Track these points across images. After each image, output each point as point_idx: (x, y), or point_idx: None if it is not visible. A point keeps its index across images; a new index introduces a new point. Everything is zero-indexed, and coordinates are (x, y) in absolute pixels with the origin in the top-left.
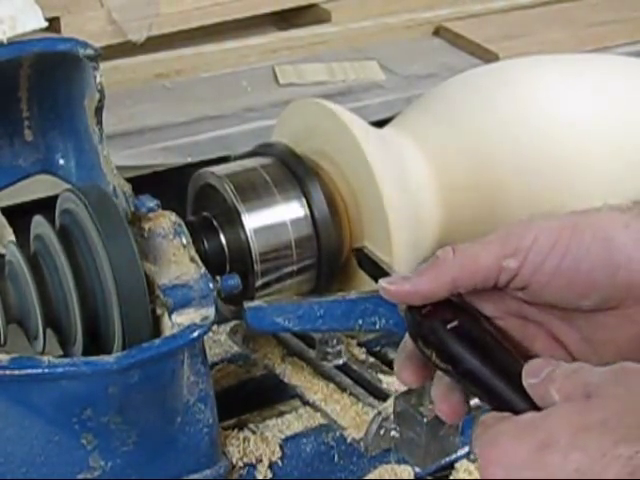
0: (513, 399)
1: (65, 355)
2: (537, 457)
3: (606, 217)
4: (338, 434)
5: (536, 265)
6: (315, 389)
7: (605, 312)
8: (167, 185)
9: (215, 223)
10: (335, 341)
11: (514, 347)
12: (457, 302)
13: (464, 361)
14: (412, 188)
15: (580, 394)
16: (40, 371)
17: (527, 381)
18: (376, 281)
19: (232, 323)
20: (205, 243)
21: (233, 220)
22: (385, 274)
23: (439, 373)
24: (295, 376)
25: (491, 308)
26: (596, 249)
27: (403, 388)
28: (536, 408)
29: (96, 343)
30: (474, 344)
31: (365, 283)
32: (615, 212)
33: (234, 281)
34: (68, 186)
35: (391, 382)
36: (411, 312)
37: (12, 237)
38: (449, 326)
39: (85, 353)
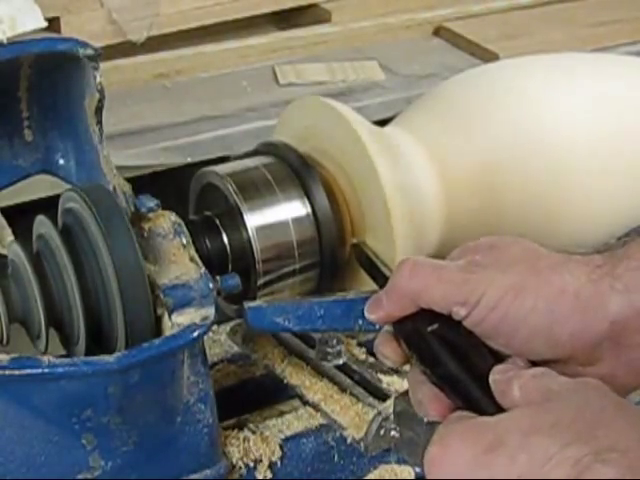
0: (485, 403)
1: (68, 355)
2: (483, 459)
3: (559, 280)
4: (338, 434)
5: (479, 320)
6: (315, 389)
7: (565, 364)
8: (167, 185)
9: (217, 222)
10: (335, 341)
11: (492, 353)
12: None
13: (442, 364)
14: (414, 187)
15: (540, 397)
16: (40, 371)
17: (492, 377)
18: (372, 277)
19: (232, 323)
20: (207, 242)
21: (235, 219)
22: (380, 271)
23: (419, 378)
24: (295, 376)
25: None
26: (535, 319)
27: (403, 388)
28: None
29: (99, 343)
30: (453, 347)
31: (365, 283)
32: (578, 270)
33: (234, 281)
34: (68, 186)
35: (391, 382)
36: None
37: (12, 237)
38: (429, 329)
39: (88, 352)
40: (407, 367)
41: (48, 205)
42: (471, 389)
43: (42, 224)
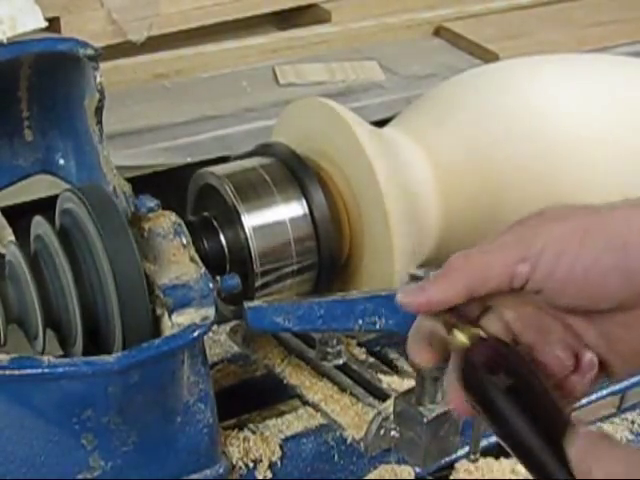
0: (555, 471)
1: (65, 355)
2: None
3: (622, 218)
4: (338, 434)
5: (547, 272)
6: (315, 389)
7: (624, 312)
8: (167, 185)
9: (215, 223)
10: (335, 341)
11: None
12: (512, 354)
13: (512, 425)
14: (412, 188)
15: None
16: (40, 371)
17: (571, 454)
18: None
19: (232, 323)
20: (205, 243)
21: (233, 220)
22: None
23: (454, 362)
24: (295, 376)
25: (506, 303)
26: (609, 256)
27: (403, 388)
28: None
29: (96, 343)
30: (526, 410)
31: (365, 283)
32: (633, 210)
33: (234, 281)
34: (68, 186)
35: (391, 382)
36: (465, 359)
37: (12, 237)
38: (502, 384)
39: (85, 353)
40: (407, 367)
41: (48, 205)
42: (543, 457)
43: (40, 225)
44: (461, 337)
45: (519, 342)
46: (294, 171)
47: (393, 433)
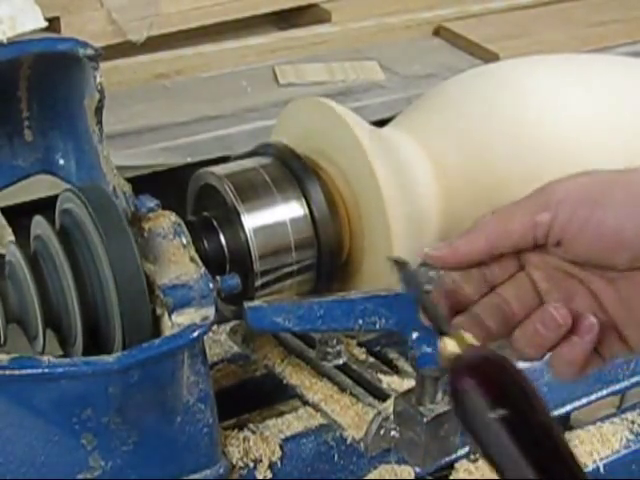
0: None
1: (65, 355)
2: None
3: None
4: (338, 434)
5: (566, 217)
6: (315, 389)
7: None
8: (167, 185)
9: (215, 223)
10: (335, 341)
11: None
12: (509, 382)
13: (508, 465)
14: (412, 188)
15: None
16: (40, 371)
17: None
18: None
19: (232, 323)
20: (205, 243)
21: (233, 220)
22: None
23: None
24: (295, 376)
25: (534, 261)
26: (627, 207)
27: (403, 388)
28: None
29: (96, 343)
30: (523, 445)
31: (365, 283)
32: None
33: (234, 281)
34: (68, 186)
35: (391, 382)
36: (452, 377)
37: (12, 237)
38: (495, 415)
39: (85, 353)
40: (407, 367)
41: (48, 205)
42: None
43: (39, 225)
44: (453, 346)
45: (544, 302)
46: (294, 171)
47: (393, 433)
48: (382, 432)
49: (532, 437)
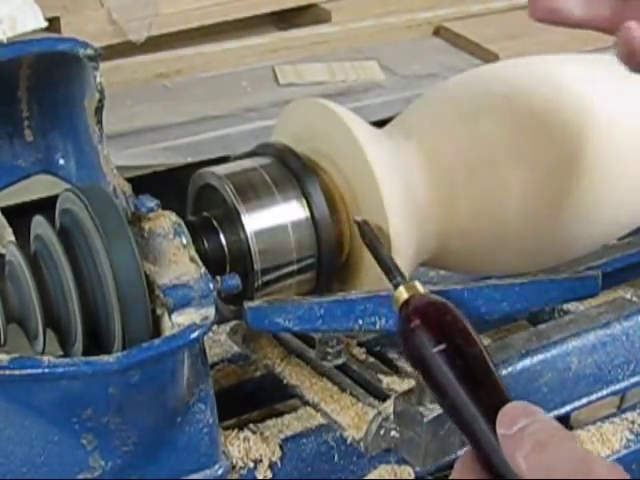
0: (491, 442)
1: (65, 355)
2: None
3: None
4: (338, 434)
5: None
6: (315, 389)
7: None
8: (167, 185)
9: (215, 223)
10: (335, 341)
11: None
12: (449, 321)
13: (447, 390)
14: (412, 188)
15: (543, 474)
16: (40, 371)
17: (499, 430)
18: (374, 256)
19: (232, 323)
20: (205, 243)
21: (233, 220)
22: (381, 250)
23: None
24: (295, 376)
25: None
26: None
27: (403, 388)
28: None
29: (96, 343)
30: (459, 373)
31: (365, 283)
32: None
33: (234, 281)
34: (68, 186)
35: (391, 382)
36: (401, 319)
37: (12, 237)
38: (436, 349)
39: (85, 353)
40: (407, 367)
41: (48, 205)
42: (480, 427)
43: (39, 224)
44: (405, 294)
45: None
46: (294, 171)
47: (393, 433)
48: (382, 432)
49: (467, 366)
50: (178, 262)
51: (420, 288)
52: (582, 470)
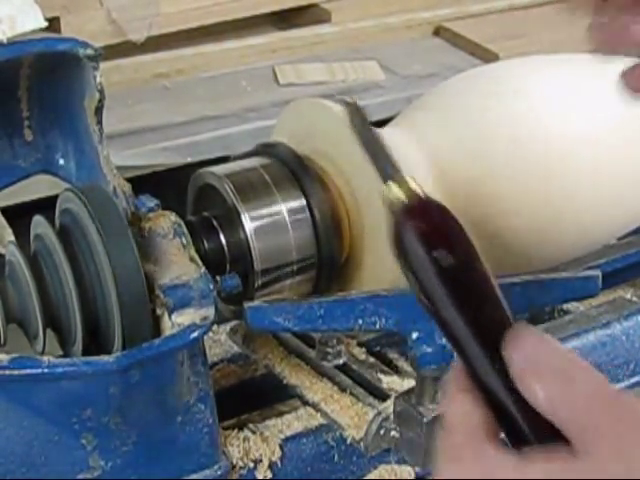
0: (489, 371)
1: (65, 355)
2: None
3: None
4: (338, 434)
5: None
6: (315, 389)
7: None
8: (167, 185)
9: (215, 223)
10: (335, 341)
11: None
12: (455, 226)
13: (445, 313)
14: None
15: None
16: (40, 371)
17: (510, 352)
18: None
19: (232, 323)
20: (205, 243)
21: (233, 220)
22: (373, 138)
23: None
24: (295, 376)
25: None
26: None
27: (403, 388)
28: (510, 384)
29: (96, 343)
30: (464, 300)
31: (365, 283)
32: None
33: (234, 281)
34: (68, 186)
35: (391, 382)
36: (400, 220)
37: (12, 237)
38: (442, 262)
39: (85, 353)
40: (407, 367)
41: (48, 205)
42: (477, 351)
43: (39, 224)
44: (397, 191)
45: None
46: (294, 171)
47: (393, 433)
48: (382, 432)
49: (467, 282)
50: (178, 262)
51: (414, 185)
52: (614, 413)
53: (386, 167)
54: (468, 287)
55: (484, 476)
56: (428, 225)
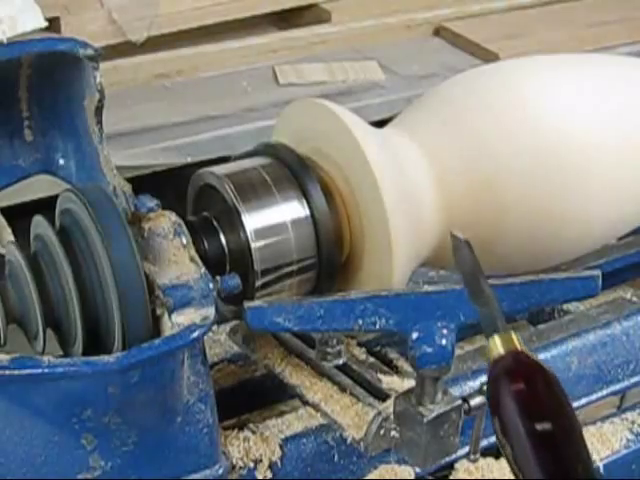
0: None
1: (65, 355)
2: None
3: None
4: (338, 434)
5: None
6: (315, 389)
7: None
8: (167, 185)
9: (215, 223)
10: (335, 341)
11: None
12: (556, 397)
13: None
14: (412, 188)
15: None
16: (40, 371)
17: None
18: (465, 283)
19: (232, 323)
20: (205, 243)
21: (233, 220)
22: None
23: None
24: (295, 376)
25: None
26: None
27: (403, 388)
28: None
29: (96, 343)
30: (553, 463)
31: (365, 283)
32: None
33: (234, 281)
34: (68, 186)
35: (391, 382)
36: (495, 373)
37: (12, 237)
38: (540, 427)
39: (85, 353)
40: (407, 367)
41: (48, 205)
42: None
43: (39, 224)
44: (500, 345)
45: None
46: (294, 171)
47: (393, 433)
48: (382, 432)
49: (563, 459)
50: (178, 262)
51: (517, 341)
52: None
53: (494, 318)
54: (562, 462)
55: None
56: (530, 396)
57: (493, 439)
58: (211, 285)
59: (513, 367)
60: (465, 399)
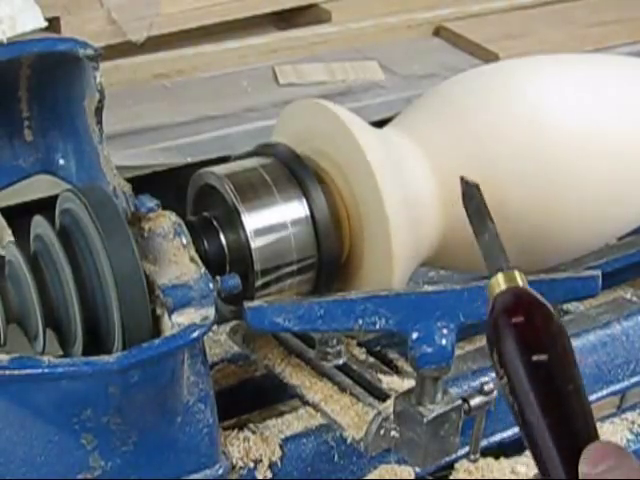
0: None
1: (65, 355)
2: None
3: None
4: (338, 434)
5: None
6: (315, 389)
7: None
8: (167, 185)
9: (215, 223)
10: (335, 341)
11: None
12: (554, 331)
13: (529, 408)
14: (412, 188)
15: None
16: (40, 371)
17: (582, 467)
18: (471, 223)
19: (232, 323)
20: (205, 243)
21: (233, 220)
22: (484, 219)
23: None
24: (295, 376)
25: None
26: None
27: (403, 388)
28: None
29: (96, 343)
30: (548, 396)
31: (365, 283)
32: None
33: (234, 281)
34: (68, 186)
35: (391, 382)
36: (495, 309)
37: (11, 238)
38: (535, 358)
39: (85, 353)
40: (407, 367)
41: (48, 205)
42: (552, 454)
43: (39, 225)
44: (502, 283)
45: None
46: (294, 171)
47: (393, 433)
48: (382, 432)
49: (557, 389)
50: (178, 262)
51: (520, 279)
52: None
53: (499, 258)
54: (558, 393)
55: None
56: (528, 329)
57: (493, 439)
58: (211, 285)
59: (513, 301)
60: (465, 399)
